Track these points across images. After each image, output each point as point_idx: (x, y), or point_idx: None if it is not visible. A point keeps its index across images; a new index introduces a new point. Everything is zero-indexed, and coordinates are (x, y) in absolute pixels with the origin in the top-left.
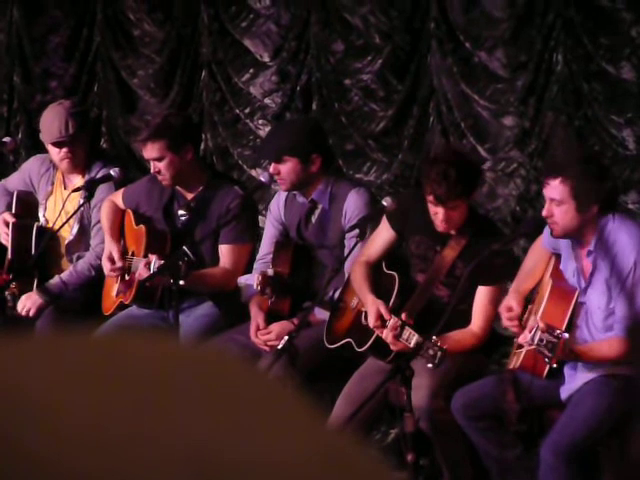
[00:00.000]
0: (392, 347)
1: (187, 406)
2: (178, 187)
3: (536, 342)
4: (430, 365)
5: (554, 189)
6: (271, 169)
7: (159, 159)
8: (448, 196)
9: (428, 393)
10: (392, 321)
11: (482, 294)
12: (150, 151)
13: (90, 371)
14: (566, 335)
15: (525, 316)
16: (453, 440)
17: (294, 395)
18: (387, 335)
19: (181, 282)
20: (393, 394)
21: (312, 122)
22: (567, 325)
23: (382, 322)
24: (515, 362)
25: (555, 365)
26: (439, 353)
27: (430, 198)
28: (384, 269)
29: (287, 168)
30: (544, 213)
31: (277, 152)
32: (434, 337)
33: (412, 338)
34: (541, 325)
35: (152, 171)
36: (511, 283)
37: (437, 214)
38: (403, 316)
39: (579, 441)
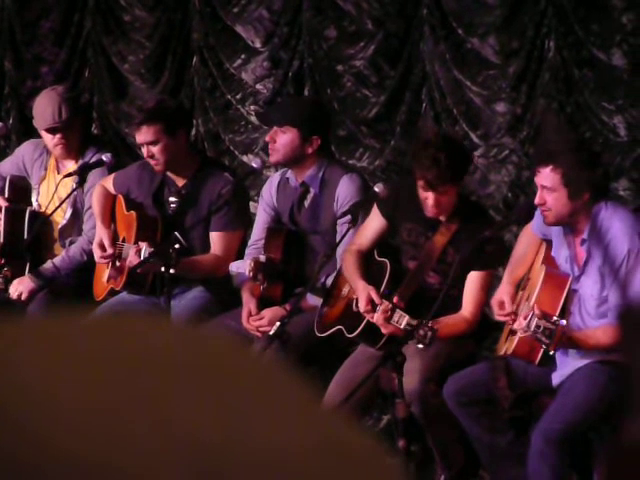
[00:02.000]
0: (383, 330)
1: (183, 389)
2: (169, 173)
3: (533, 329)
4: (421, 345)
5: (545, 177)
6: (267, 137)
7: (153, 143)
8: (438, 181)
9: (419, 378)
10: (383, 305)
11: (473, 280)
12: (145, 134)
13: (86, 352)
14: (564, 322)
15: (516, 303)
16: (444, 425)
17: (291, 378)
18: (378, 318)
19: (172, 270)
20: (384, 380)
21: (324, 105)
22: (560, 312)
23: (373, 307)
24: (508, 348)
25: (553, 352)
26: (429, 333)
27: (420, 183)
28: (376, 257)
29: (285, 139)
30: (536, 201)
31: (282, 118)
32: (424, 320)
33: (402, 320)
34: (537, 312)
35: (145, 155)
36: (502, 269)
37: (427, 199)
38: (395, 299)
39: (570, 428)
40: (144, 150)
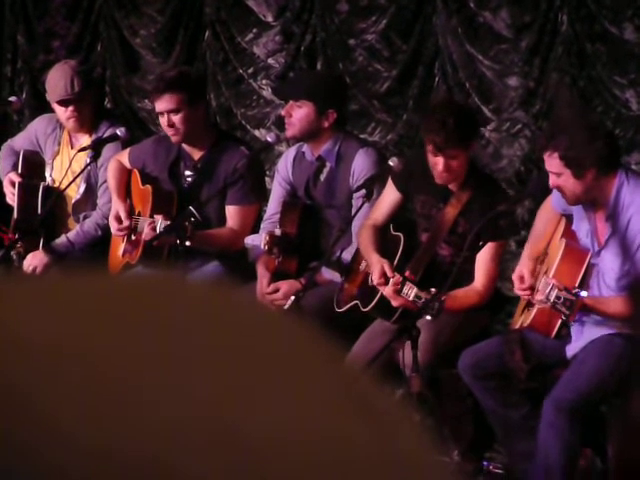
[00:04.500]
0: (393, 302)
1: (202, 358)
2: (185, 146)
3: (552, 300)
4: (429, 317)
5: (548, 163)
6: (283, 111)
7: (175, 111)
8: (446, 144)
9: (425, 350)
10: (395, 277)
11: (484, 251)
12: (167, 102)
13: (96, 311)
14: (584, 293)
15: (534, 277)
16: (449, 396)
17: (321, 345)
18: (388, 290)
19: (187, 243)
20: (399, 354)
21: (339, 78)
22: (579, 285)
23: (386, 280)
24: (525, 320)
25: (572, 322)
26: (436, 304)
27: (430, 147)
28: (391, 231)
29: (301, 113)
30: (551, 185)
31: (298, 92)
32: (432, 289)
33: (411, 292)
34: (556, 283)
35: (166, 124)
36: (514, 241)
37: (437, 164)
38: (407, 273)
39: (581, 398)
40: (163, 119)
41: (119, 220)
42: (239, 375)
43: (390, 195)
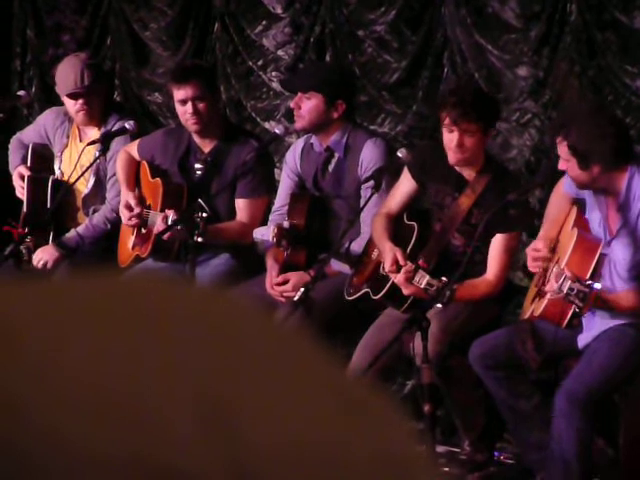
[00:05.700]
0: (404, 291)
1: (201, 356)
2: (195, 139)
3: (566, 291)
4: (439, 305)
5: (559, 148)
6: (292, 103)
7: (200, 98)
8: (463, 117)
9: (435, 339)
10: (407, 265)
11: (497, 242)
12: (193, 90)
13: (100, 314)
14: (598, 286)
15: (544, 266)
16: (460, 387)
17: (312, 347)
18: (399, 278)
19: (199, 239)
20: (410, 345)
21: (347, 69)
22: (590, 276)
23: (398, 268)
24: (535, 310)
25: (586, 315)
26: (448, 292)
27: (446, 122)
28: (405, 220)
29: (310, 105)
30: (560, 167)
31: (306, 84)
32: (443, 277)
33: (423, 280)
34: (569, 274)
35: (189, 112)
36: (526, 233)
37: (451, 141)
38: (420, 261)
39: (594, 389)
40: (185, 108)
41: (130, 208)
42: (236, 378)
43: (406, 185)
